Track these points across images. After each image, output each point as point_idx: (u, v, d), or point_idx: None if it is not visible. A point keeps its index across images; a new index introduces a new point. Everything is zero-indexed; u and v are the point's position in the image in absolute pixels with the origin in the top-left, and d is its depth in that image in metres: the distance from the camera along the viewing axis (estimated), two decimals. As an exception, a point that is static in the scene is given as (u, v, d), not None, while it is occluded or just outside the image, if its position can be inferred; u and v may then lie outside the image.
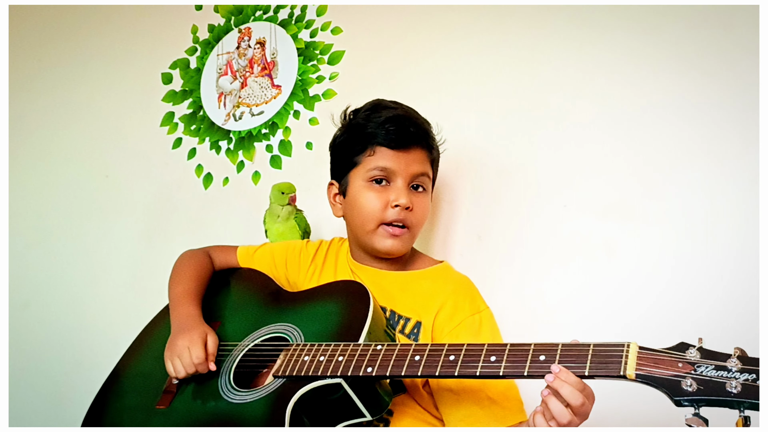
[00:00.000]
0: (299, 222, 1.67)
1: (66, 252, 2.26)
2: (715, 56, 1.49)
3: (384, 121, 1.33)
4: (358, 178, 1.36)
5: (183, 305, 1.37)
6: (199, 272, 1.47)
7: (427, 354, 1.05)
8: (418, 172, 1.35)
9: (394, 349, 1.09)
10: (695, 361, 0.88)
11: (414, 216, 1.34)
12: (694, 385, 0.86)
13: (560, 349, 0.97)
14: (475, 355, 1.02)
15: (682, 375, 0.87)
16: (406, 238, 1.35)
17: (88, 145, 2.29)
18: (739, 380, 0.84)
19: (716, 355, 0.88)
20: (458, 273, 1.41)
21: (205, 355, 1.25)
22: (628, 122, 1.55)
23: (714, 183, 1.45)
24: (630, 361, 0.90)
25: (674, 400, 0.86)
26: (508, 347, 1.01)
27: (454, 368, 1.02)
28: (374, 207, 1.32)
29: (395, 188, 1.33)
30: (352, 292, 1.25)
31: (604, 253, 1.53)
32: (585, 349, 0.95)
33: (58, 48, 2.42)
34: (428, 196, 1.40)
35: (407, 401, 1.25)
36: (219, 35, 2.15)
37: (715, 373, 0.85)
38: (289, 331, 1.26)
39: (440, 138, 1.45)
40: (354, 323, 1.17)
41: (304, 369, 1.12)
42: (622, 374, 0.90)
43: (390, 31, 1.89)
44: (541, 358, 0.97)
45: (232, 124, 2.07)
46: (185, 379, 1.27)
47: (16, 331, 2.15)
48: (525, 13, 1.71)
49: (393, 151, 1.33)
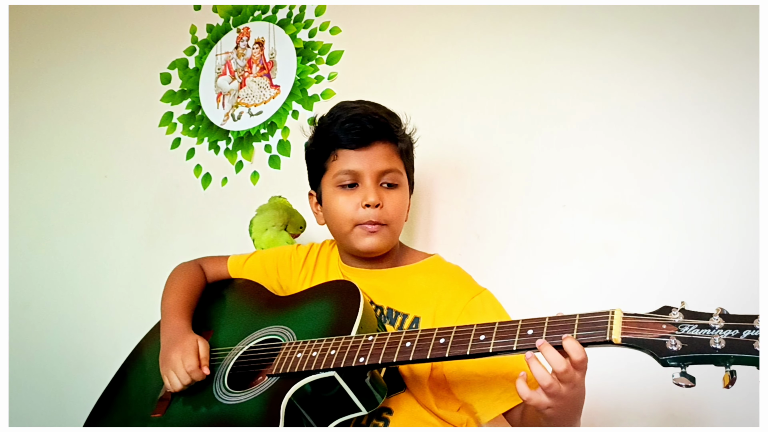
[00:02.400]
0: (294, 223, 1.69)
1: (65, 252, 2.26)
2: (714, 56, 1.49)
3: (342, 123, 1.32)
4: (328, 185, 1.35)
5: (173, 318, 1.38)
6: (190, 285, 1.47)
7: (418, 339, 1.06)
8: (384, 168, 1.32)
9: (385, 337, 1.09)
10: (679, 322, 0.89)
11: (387, 213, 1.31)
12: (678, 344, 0.87)
13: (547, 321, 0.99)
14: (465, 335, 1.03)
15: (666, 335, 0.88)
16: (385, 234, 1.32)
17: (87, 146, 2.29)
18: (723, 336, 0.85)
19: (699, 315, 0.89)
20: (449, 264, 1.40)
21: (198, 363, 1.25)
22: (628, 122, 1.55)
23: (714, 183, 1.45)
24: (615, 326, 0.92)
25: (660, 360, 0.88)
26: (497, 325, 1.02)
27: (444, 350, 1.02)
28: (346, 210, 1.31)
29: (363, 189, 1.31)
30: (342, 289, 1.25)
31: (604, 253, 1.53)
32: (571, 319, 0.97)
33: (57, 48, 2.42)
34: (402, 190, 1.35)
35: (407, 399, 1.24)
36: (218, 35, 2.15)
37: (699, 332, 0.87)
38: (282, 333, 1.26)
39: (411, 128, 1.41)
40: (345, 319, 1.17)
41: (297, 365, 1.12)
42: (608, 339, 0.92)
43: (389, 31, 1.89)
44: (529, 333, 0.98)
45: (230, 124, 2.06)
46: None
47: (17, 332, 2.15)
48: (524, 14, 1.71)
49: (355, 151, 1.31)
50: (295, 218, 1.72)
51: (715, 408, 1.38)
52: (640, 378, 1.35)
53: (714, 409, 1.38)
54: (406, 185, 1.38)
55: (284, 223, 1.70)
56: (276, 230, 1.68)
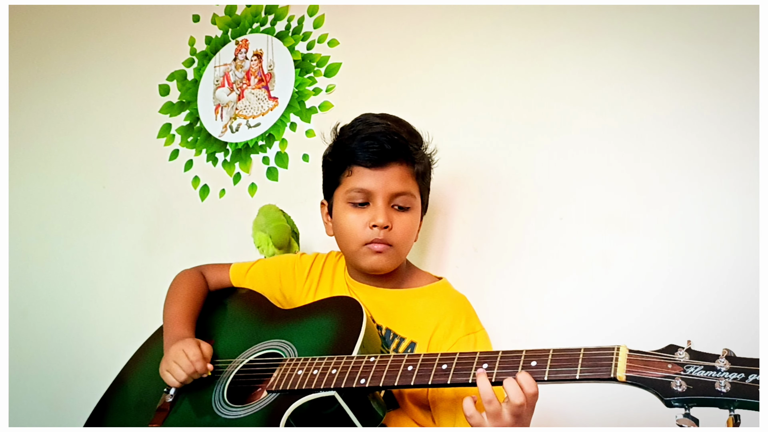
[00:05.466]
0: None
1: (63, 262, 2.25)
2: (713, 67, 1.49)
3: (361, 139, 1.31)
4: (339, 199, 1.34)
5: (176, 327, 1.37)
6: (193, 293, 1.46)
7: (420, 364, 1.05)
8: (397, 191, 1.31)
9: (387, 360, 1.08)
10: (684, 362, 0.89)
11: (395, 235, 1.31)
12: (683, 385, 0.86)
13: (551, 354, 0.98)
14: (468, 363, 1.02)
15: (672, 376, 0.88)
16: (390, 254, 1.32)
17: (85, 156, 2.29)
18: (728, 379, 0.84)
19: (705, 355, 0.89)
20: (455, 291, 1.39)
21: (202, 354, 1.25)
22: (626, 133, 1.55)
23: (712, 194, 1.45)
24: (620, 363, 0.91)
25: (665, 400, 0.87)
26: (500, 354, 1.01)
27: (446, 377, 1.02)
28: (354, 228, 1.31)
29: (374, 208, 1.30)
30: (345, 306, 1.24)
31: (601, 265, 1.53)
32: (576, 354, 0.96)
33: (55, 59, 2.42)
34: (413, 213, 1.35)
35: (401, 417, 1.24)
36: (216, 47, 2.16)
37: (704, 373, 0.87)
38: (283, 347, 1.26)
39: (431, 148, 1.41)
40: (347, 337, 1.16)
41: (298, 383, 1.12)
42: (612, 376, 0.91)
43: (387, 44, 1.90)
44: (533, 364, 0.98)
45: (228, 136, 2.07)
46: (179, 392, 1.26)
47: (14, 340, 2.14)
48: (523, 23, 1.71)
49: (370, 169, 1.30)
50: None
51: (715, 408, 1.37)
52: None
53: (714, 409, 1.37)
54: (418, 208, 1.36)
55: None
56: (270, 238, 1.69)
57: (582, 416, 1.45)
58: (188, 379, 1.25)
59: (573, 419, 1.45)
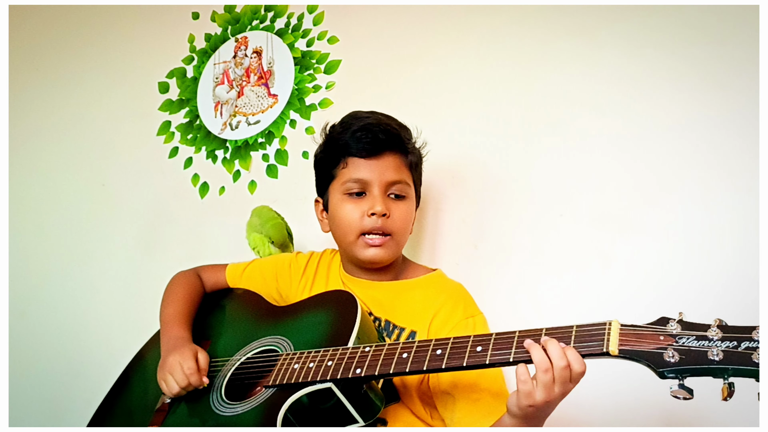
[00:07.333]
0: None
1: (62, 260, 2.25)
2: (714, 67, 1.49)
3: (354, 131, 1.33)
4: (336, 192, 1.36)
5: (173, 327, 1.38)
6: (189, 294, 1.47)
7: (415, 350, 1.06)
8: (393, 179, 1.33)
9: (382, 348, 1.09)
10: (676, 333, 0.89)
11: (393, 223, 1.32)
12: (676, 356, 0.87)
13: (544, 332, 0.99)
14: (462, 346, 1.02)
15: (664, 347, 0.88)
16: (389, 246, 1.33)
17: (84, 154, 2.29)
18: (721, 348, 0.85)
19: (696, 326, 0.89)
20: (452, 280, 1.40)
21: (197, 366, 1.25)
22: (625, 132, 1.55)
23: (712, 193, 1.45)
24: (612, 337, 0.92)
25: (658, 372, 0.88)
26: (494, 336, 1.02)
27: (441, 361, 1.02)
28: (352, 218, 1.32)
29: (371, 197, 1.32)
30: (340, 299, 1.25)
31: (600, 263, 1.53)
32: (568, 331, 0.97)
33: (54, 57, 2.42)
34: (409, 202, 1.36)
35: (402, 410, 1.24)
36: (216, 44, 2.16)
37: (697, 343, 0.87)
38: (279, 343, 1.26)
39: (420, 141, 1.43)
40: (343, 330, 1.17)
41: (294, 376, 1.12)
42: (605, 351, 0.92)
43: (386, 41, 1.90)
44: (526, 344, 0.98)
45: (228, 134, 2.07)
46: (178, 396, 1.26)
47: (13, 340, 2.14)
48: (523, 24, 1.71)
49: (365, 160, 1.32)
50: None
51: (715, 409, 1.37)
52: (637, 388, 1.35)
53: (713, 410, 1.37)
54: (413, 198, 1.38)
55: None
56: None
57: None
58: (182, 392, 1.25)
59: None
